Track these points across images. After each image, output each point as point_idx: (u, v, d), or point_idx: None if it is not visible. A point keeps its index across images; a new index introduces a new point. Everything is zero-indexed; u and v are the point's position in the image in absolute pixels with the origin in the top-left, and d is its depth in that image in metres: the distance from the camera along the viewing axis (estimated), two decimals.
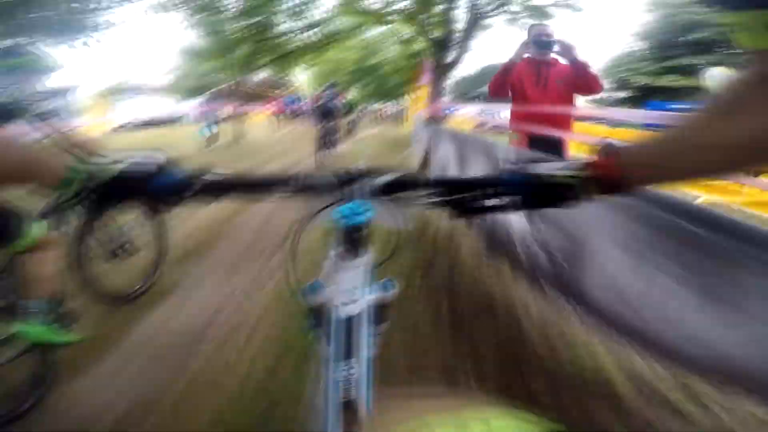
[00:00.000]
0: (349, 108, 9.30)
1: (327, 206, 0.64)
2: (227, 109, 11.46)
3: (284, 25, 10.96)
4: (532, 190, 0.57)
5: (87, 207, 0.50)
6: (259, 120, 18.02)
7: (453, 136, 3.83)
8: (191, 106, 15.68)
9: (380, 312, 0.66)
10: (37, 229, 1.32)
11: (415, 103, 16.16)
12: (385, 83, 22.88)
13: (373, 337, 0.73)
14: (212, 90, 11.47)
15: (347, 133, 8.09)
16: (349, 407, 0.49)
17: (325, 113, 7.30)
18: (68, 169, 0.49)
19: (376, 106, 25.95)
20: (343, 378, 0.50)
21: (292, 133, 13.93)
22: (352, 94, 21.72)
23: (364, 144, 10.73)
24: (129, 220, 2.13)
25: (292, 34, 11.23)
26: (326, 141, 7.24)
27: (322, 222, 0.66)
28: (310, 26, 11.04)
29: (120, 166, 0.51)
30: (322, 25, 11.15)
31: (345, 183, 0.60)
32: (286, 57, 11.67)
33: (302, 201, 0.64)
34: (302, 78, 20.17)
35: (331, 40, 11.38)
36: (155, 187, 0.53)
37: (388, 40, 17.80)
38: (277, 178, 0.59)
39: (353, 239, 0.57)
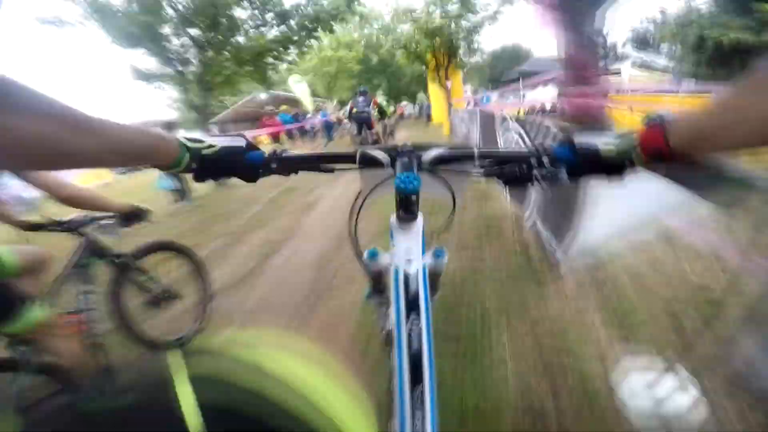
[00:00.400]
0: (383, 112, 9.20)
1: (384, 179, 0.71)
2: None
3: (244, 15, 7.77)
4: (578, 161, 0.61)
5: (195, 179, 0.62)
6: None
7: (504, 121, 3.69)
8: None
9: (432, 281, 0.71)
10: (38, 311, 1.21)
11: (439, 100, 15.22)
12: (398, 81, 20.80)
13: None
14: (171, 121, 6.92)
15: (387, 138, 7.98)
16: (415, 358, 0.54)
17: (361, 121, 7.40)
18: (182, 147, 0.58)
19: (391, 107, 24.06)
20: (409, 330, 0.56)
21: None
22: (382, 98, 20.06)
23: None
24: (163, 268, 2.04)
25: (257, 29, 8.07)
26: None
27: (379, 194, 0.75)
28: (281, 15, 8.05)
29: (220, 144, 0.62)
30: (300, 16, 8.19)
31: (399, 157, 0.67)
32: (258, 62, 8.24)
33: (363, 174, 0.74)
34: (301, 89, 16.97)
35: (311, 30, 8.42)
36: (248, 162, 0.64)
37: (391, 31, 15.84)
38: (340, 155, 0.69)
39: (407, 206, 0.63)
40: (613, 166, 0.58)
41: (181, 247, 2.11)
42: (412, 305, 0.58)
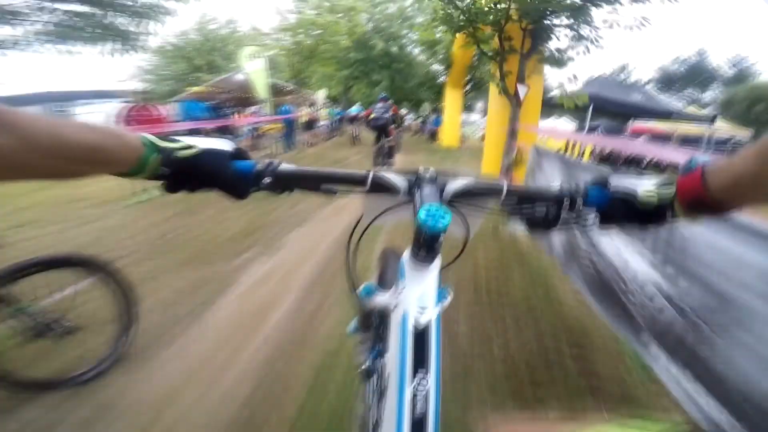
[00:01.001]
0: (400, 120, 8.50)
1: (394, 206, 0.63)
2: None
3: None
4: (614, 205, 0.56)
5: (164, 189, 0.49)
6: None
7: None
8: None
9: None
10: None
11: (454, 113, 12.47)
12: (404, 82, 15.34)
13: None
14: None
15: (382, 162, 7.13)
16: (420, 425, 0.46)
17: (378, 128, 7.18)
18: (148, 147, 0.45)
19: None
20: (414, 392, 0.48)
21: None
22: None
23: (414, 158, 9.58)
24: (57, 294, 1.62)
25: None
26: (383, 156, 7.15)
27: (387, 221, 0.66)
28: None
29: (200, 147, 0.50)
30: None
31: (417, 185, 0.58)
32: None
33: (371, 199, 0.64)
34: (255, 69, 10.21)
35: None
36: (234, 171, 0.52)
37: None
38: (349, 175, 0.57)
39: (430, 244, 0.53)
40: (650, 214, 0.53)
41: (88, 259, 1.67)
42: (421, 361, 0.50)
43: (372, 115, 7.35)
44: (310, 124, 11.44)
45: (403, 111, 17.72)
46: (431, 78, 16.59)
